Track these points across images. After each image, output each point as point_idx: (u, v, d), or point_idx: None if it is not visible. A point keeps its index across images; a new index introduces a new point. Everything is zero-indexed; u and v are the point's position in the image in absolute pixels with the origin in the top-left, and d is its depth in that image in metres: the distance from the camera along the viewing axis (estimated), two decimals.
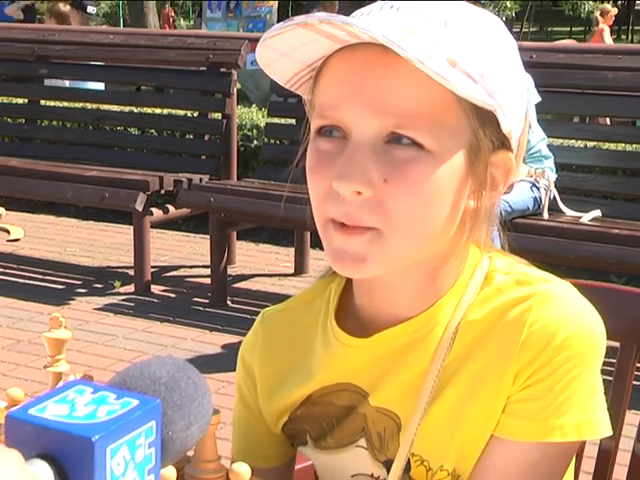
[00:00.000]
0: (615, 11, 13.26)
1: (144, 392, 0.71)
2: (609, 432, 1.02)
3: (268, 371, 1.16)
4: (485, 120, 0.98)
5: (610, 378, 1.33)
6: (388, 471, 1.06)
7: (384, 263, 0.99)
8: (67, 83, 6.41)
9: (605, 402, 1.03)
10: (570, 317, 1.01)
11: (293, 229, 5.21)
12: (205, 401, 0.75)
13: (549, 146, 4.21)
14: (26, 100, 6.21)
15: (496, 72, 0.97)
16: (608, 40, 12.65)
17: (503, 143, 1.01)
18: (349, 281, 1.12)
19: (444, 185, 0.97)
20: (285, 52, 0.98)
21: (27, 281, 5.08)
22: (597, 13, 12.98)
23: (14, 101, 6.58)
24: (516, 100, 1.01)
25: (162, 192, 5.13)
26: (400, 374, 1.05)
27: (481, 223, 1.04)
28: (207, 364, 3.77)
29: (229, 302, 4.72)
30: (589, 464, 1.36)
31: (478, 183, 1.00)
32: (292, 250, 5.31)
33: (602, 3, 26.71)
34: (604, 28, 12.73)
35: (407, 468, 1.05)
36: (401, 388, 1.05)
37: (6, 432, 0.65)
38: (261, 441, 1.19)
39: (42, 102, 6.18)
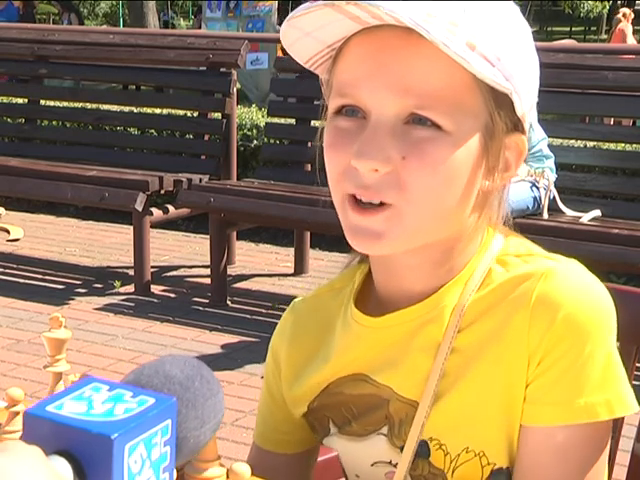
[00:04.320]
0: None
1: (159, 390, 0.71)
2: (637, 407, 1.03)
3: (294, 357, 1.18)
4: (501, 103, 1.00)
5: None
6: None
7: (401, 240, 1.01)
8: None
9: (627, 377, 1.03)
10: (576, 291, 1.01)
11: (293, 229, 5.21)
12: (217, 400, 0.76)
13: (549, 146, 4.21)
14: (26, 100, 6.21)
15: (512, 56, 1.00)
16: (631, 40, 12.52)
17: (516, 126, 1.04)
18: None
19: (461, 165, 0.99)
20: (309, 32, 1.00)
21: (27, 281, 5.08)
22: (620, 14, 12.91)
23: (14, 101, 6.58)
24: (530, 84, 1.04)
25: (162, 192, 5.12)
26: (412, 359, 1.06)
27: (493, 203, 1.07)
28: (207, 364, 3.70)
29: (229, 302, 4.72)
30: None
31: (492, 164, 1.02)
32: (292, 250, 5.31)
33: (602, 3, 26.72)
34: (627, 27, 12.58)
35: (427, 453, 1.05)
36: (415, 374, 1.06)
37: (24, 429, 0.65)
38: (281, 427, 1.21)
39: (42, 102, 6.18)
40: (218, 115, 5.41)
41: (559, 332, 0.99)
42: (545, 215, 4.10)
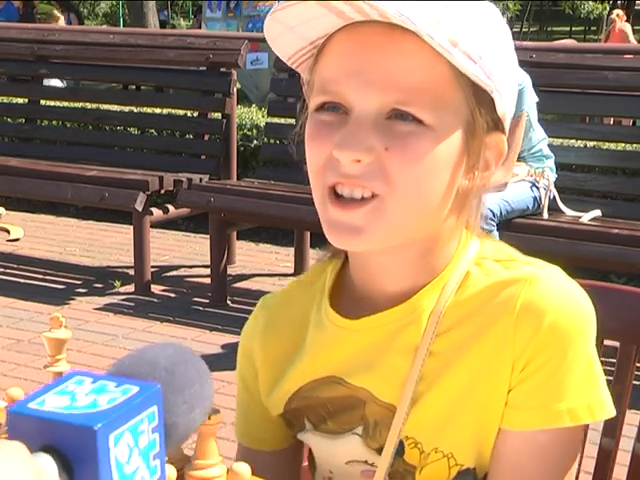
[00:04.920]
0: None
1: (144, 378, 0.71)
2: (614, 412, 1.04)
3: (269, 354, 1.17)
4: (482, 100, 1.01)
5: (610, 378, 1.33)
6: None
7: (381, 235, 1.01)
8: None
9: (605, 380, 1.04)
10: (559, 298, 1.02)
11: (293, 229, 5.21)
12: (206, 384, 0.75)
13: (549, 146, 4.22)
14: (26, 100, 6.21)
15: (493, 55, 1.01)
16: (633, 40, 12.50)
17: (497, 125, 1.04)
18: (346, 263, 1.13)
19: (442, 161, 1.00)
20: (292, 26, 1.01)
21: (27, 281, 5.08)
22: (614, 14, 12.91)
23: (14, 101, 6.58)
24: (510, 84, 1.05)
25: (162, 192, 5.12)
26: (389, 362, 1.06)
27: (472, 203, 1.06)
28: (207, 364, 3.75)
29: (229, 302, 4.72)
30: (589, 464, 1.35)
31: (472, 163, 1.03)
32: (292, 250, 5.31)
33: (602, 3, 26.73)
34: (625, 26, 12.56)
35: (401, 451, 1.06)
36: (392, 377, 1.06)
37: (9, 428, 0.65)
38: (260, 425, 1.20)
39: (42, 102, 6.18)
40: (218, 115, 5.41)
41: (544, 339, 1.00)
42: (545, 215, 4.11)
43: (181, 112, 6.06)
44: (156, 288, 4.93)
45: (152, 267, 4.99)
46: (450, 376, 1.04)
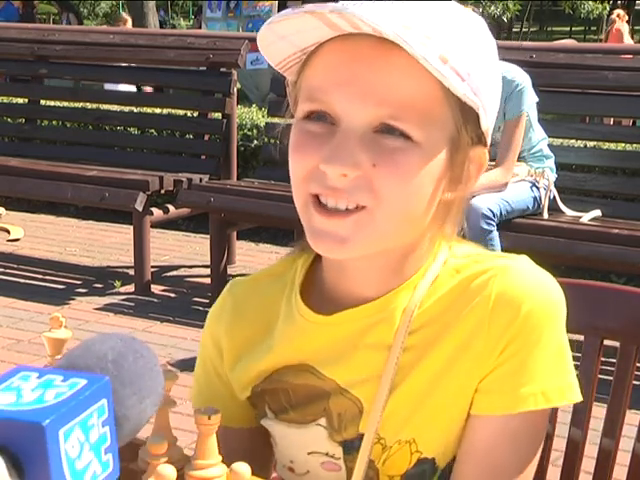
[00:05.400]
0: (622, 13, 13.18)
1: (92, 371, 0.69)
2: (581, 397, 1.06)
3: (235, 339, 1.17)
4: (467, 116, 1.02)
5: (610, 378, 1.33)
6: (344, 451, 1.10)
7: (364, 245, 1.02)
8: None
9: (573, 365, 1.06)
10: (531, 287, 1.04)
11: (293, 229, 5.20)
12: (155, 374, 0.74)
13: (549, 146, 4.22)
14: (26, 100, 6.21)
15: (481, 72, 1.02)
16: (628, 40, 12.49)
17: (480, 139, 1.05)
18: (317, 257, 1.14)
19: (428, 175, 1.01)
20: (284, 35, 1.01)
21: (27, 281, 5.08)
22: (615, 15, 12.89)
23: (14, 101, 6.58)
24: (495, 99, 1.06)
25: (162, 192, 5.12)
26: (360, 355, 1.08)
27: (452, 214, 1.08)
28: None
29: None
30: (589, 464, 1.36)
31: (455, 176, 1.04)
32: None
33: (602, 3, 26.72)
34: (623, 27, 12.55)
35: (358, 446, 1.08)
36: (361, 370, 1.08)
37: None
38: (226, 403, 1.18)
39: (42, 102, 6.18)
40: (218, 115, 5.41)
41: (518, 328, 1.02)
42: (545, 215, 4.11)
43: (181, 112, 6.06)
44: (156, 288, 4.93)
45: (152, 267, 4.99)
46: (419, 370, 1.05)
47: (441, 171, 1.02)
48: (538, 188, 4.09)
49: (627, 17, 13.13)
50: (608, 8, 26.32)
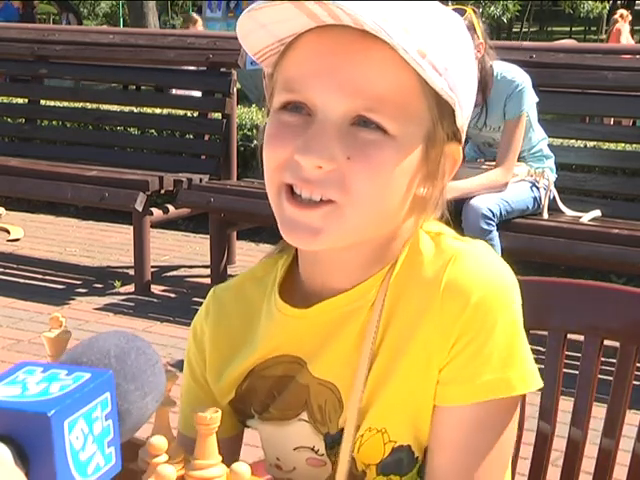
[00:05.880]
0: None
1: (95, 366, 0.71)
2: (542, 383, 1.06)
3: (218, 346, 1.18)
4: (444, 112, 1.02)
5: (610, 378, 1.33)
6: (326, 445, 1.10)
7: (338, 236, 1.02)
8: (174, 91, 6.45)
9: (530, 351, 1.06)
10: (483, 275, 1.04)
11: None
12: (157, 371, 0.75)
13: (549, 146, 4.22)
14: (26, 100, 6.21)
15: (457, 67, 1.02)
16: (628, 40, 12.47)
17: (455, 135, 1.06)
18: (296, 258, 1.14)
19: (402, 170, 1.01)
20: (264, 24, 1.01)
21: (27, 281, 5.08)
22: (618, 15, 12.88)
23: (14, 101, 6.58)
24: (470, 97, 1.06)
25: (162, 192, 5.13)
26: (337, 345, 1.08)
27: (427, 209, 1.08)
28: None
29: None
30: (589, 464, 1.36)
31: (430, 171, 1.05)
32: None
33: (602, 2, 26.73)
34: (623, 27, 12.53)
35: (338, 439, 1.08)
36: (338, 359, 1.08)
37: None
38: None
39: (42, 102, 6.18)
40: (218, 115, 5.41)
41: (470, 316, 1.02)
42: (545, 215, 4.11)
43: (181, 112, 6.06)
44: (156, 288, 4.93)
45: (152, 267, 4.99)
46: (380, 356, 1.06)
47: (416, 166, 1.02)
48: (538, 188, 4.10)
49: (630, 17, 13.09)
50: (608, 7, 26.34)
